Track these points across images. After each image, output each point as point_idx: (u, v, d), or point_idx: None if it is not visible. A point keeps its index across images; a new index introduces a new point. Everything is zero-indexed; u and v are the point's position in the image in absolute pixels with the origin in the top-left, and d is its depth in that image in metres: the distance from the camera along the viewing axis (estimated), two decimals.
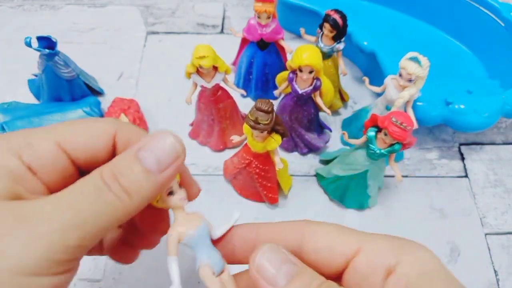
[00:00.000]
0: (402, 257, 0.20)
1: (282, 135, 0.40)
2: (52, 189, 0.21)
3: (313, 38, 0.51)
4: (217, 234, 0.25)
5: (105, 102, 0.56)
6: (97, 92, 0.57)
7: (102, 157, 0.23)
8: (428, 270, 0.19)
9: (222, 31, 0.66)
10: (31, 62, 0.61)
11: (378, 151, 0.40)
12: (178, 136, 0.21)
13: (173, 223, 0.24)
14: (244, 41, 0.55)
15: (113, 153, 0.23)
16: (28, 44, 0.46)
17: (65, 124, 0.23)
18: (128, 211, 0.20)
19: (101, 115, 0.53)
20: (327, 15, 0.47)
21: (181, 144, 0.21)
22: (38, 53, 0.51)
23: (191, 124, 0.54)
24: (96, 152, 0.23)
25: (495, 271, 0.44)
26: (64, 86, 0.52)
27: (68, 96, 0.53)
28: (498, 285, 0.43)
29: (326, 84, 0.48)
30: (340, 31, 0.48)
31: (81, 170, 0.23)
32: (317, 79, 0.45)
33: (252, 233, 0.24)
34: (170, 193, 0.23)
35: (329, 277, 0.21)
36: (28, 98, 0.57)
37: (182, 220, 0.24)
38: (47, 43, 0.49)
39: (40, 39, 0.48)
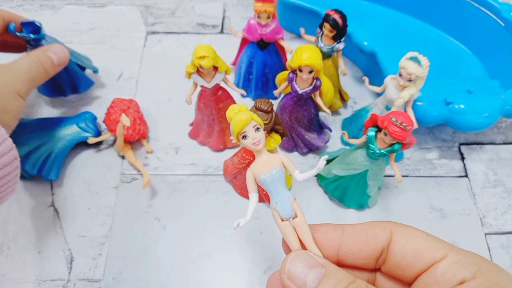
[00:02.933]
0: (479, 274, 0.21)
1: (282, 135, 0.40)
2: None
3: (313, 38, 0.51)
4: (299, 177, 0.26)
5: (105, 102, 0.56)
6: (92, 73, 0.57)
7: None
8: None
9: (222, 31, 0.66)
10: None
11: (378, 151, 0.40)
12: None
13: (252, 164, 0.26)
14: (244, 41, 0.55)
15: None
16: (12, 31, 0.47)
17: None
18: (46, 74, 0.46)
19: (97, 130, 0.52)
20: (327, 15, 0.47)
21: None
22: None
23: (191, 124, 0.54)
24: None
25: None
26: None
27: (67, 81, 0.53)
28: None
29: (326, 84, 0.48)
30: (340, 31, 0.48)
31: None
32: (317, 79, 0.45)
33: (336, 233, 0.25)
34: (244, 137, 0.25)
35: (403, 278, 0.23)
36: (28, 97, 0.57)
37: (259, 163, 0.26)
38: (32, 28, 0.49)
39: (24, 24, 0.48)
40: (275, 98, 0.52)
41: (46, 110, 0.56)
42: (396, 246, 0.24)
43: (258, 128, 0.26)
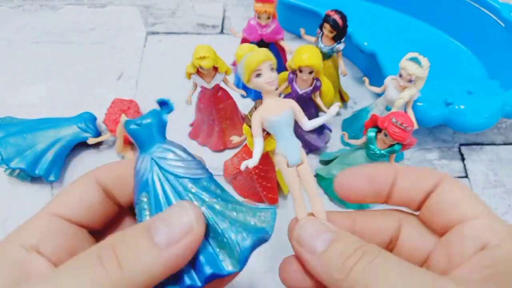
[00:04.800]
0: (504, 244, 0.20)
1: None
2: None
3: (313, 39, 0.51)
4: (308, 125, 0.26)
5: (105, 103, 0.56)
6: None
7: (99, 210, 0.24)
8: None
9: (222, 31, 0.66)
10: (31, 62, 0.62)
11: (378, 152, 0.40)
12: (197, 208, 0.20)
13: (260, 106, 0.26)
14: (244, 42, 0.55)
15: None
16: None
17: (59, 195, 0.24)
18: (118, 286, 0.17)
19: (96, 131, 0.52)
20: (327, 16, 0.47)
21: (198, 219, 0.20)
22: (38, 54, 0.51)
23: (191, 125, 0.54)
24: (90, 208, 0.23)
25: None
26: None
27: None
28: None
29: (326, 85, 0.48)
30: (340, 32, 0.47)
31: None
32: (317, 79, 0.45)
33: (349, 220, 0.25)
34: (258, 75, 0.24)
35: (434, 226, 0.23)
36: (28, 97, 0.57)
37: (268, 106, 0.25)
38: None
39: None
40: None
41: (46, 110, 0.56)
42: (439, 192, 0.23)
43: (272, 68, 0.25)
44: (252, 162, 0.26)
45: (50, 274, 0.18)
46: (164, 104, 0.24)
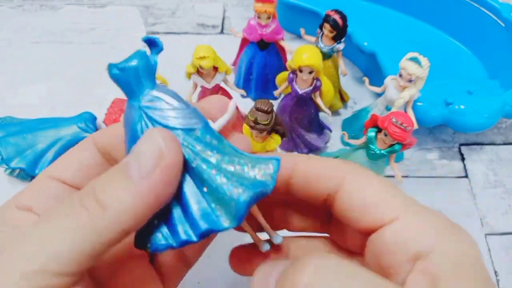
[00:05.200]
0: (440, 243, 0.17)
1: (282, 135, 0.40)
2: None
3: (313, 39, 0.51)
4: (215, 126, 0.23)
5: (105, 103, 0.56)
6: None
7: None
8: (463, 265, 0.17)
9: (222, 31, 0.66)
10: (31, 62, 0.62)
11: (378, 152, 0.40)
12: (167, 132, 0.18)
13: None
14: (244, 41, 0.55)
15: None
16: None
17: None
18: (105, 227, 0.17)
19: (96, 131, 0.52)
20: (327, 15, 0.47)
21: (168, 144, 0.18)
22: (38, 54, 0.51)
23: None
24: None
25: (495, 272, 0.44)
26: None
27: None
28: (498, 285, 0.43)
29: (326, 85, 0.48)
30: (340, 31, 0.47)
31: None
32: (317, 79, 0.45)
33: (288, 163, 0.22)
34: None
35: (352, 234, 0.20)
36: (28, 97, 0.57)
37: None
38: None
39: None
40: (275, 98, 0.52)
41: (46, 110, 0.56)
42: (344, 194, 0.20)
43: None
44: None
45: (35, 221, 0.18)
46: (152, 43, 0.21)
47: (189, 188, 0.19)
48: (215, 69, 0.44)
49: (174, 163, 0.18)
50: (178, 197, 0.19)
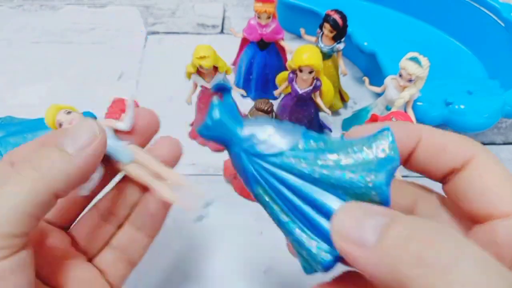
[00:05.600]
0: None
1: None
2: None
3: (313, 38, 0.51)
4: (125, 126, 0.26)
5: (105, 103, 0.56)
6: None
7: None
8: None
9: (222, 31, 0.66)
10: (31, 62, 0.62)
11: None
12: (96, 122, 0.23)
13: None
14: (244, 41, 0.55)
15: None
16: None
17: None
18: (38, 188, 0.20)
19: None
20: (327, 15, 0.47)
21: (100, 128, 0.22)
22: (38, 54, 0.51)
23: (191, 124, 0.54)
24: None
25: None
26: None
27: None
28: None
29: (326, 85, 0.48)
30: (340, 31, 0.48)
31: None
32: (317, 79, 0.45)
33: (414, 132, 0.21)
34: (60, 125, 0.26)
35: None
36: (28, 97, 0.57)
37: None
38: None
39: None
40: (275, 98, 0.52)
41: None
42: (467, 174, 0.19)
43: (69, 113, 0.28)
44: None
45: None
46: (221, 89, 0.22)
47: (327, 198, 0.19)
48: (215, 69, 0.44)
49: (103, 145, 0.22)
50: (322, 211, 0.19)
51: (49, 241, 0.25)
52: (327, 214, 0.18)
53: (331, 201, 0.18)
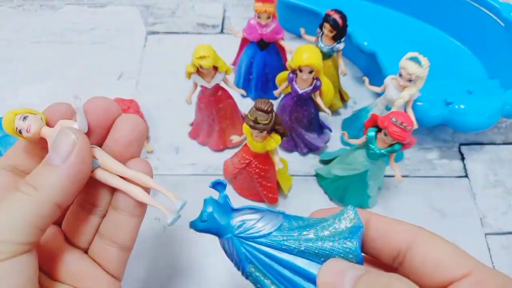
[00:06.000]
0: None
1: (282, 135, 0.40)
2: None
3: (313, 38, 0.51)
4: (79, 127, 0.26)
5: None
6: None
7: None
8: None
9: (222, 31, 0.66)
10: (31, 62, 0.62)
11: (378, 151, 0.40)
12: (76, 129, 0.25)
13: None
14: (244, 41, 0.55)
15: None
16: None
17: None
18: (40, 201, 0.22)
19: None
20: (327, 15, 0.47)
21: (77, 134, 0.24)
22: (38, 54, 0.51)
23: (191, 124, 0.54)
24: None
25: None
26: None
27: None
28: None
29: (326, 84, 0.48)
30: (340, 31, 0.48)
31: None
32: (317, 79, 0.45)
33: (364, 217, 0.24)
34: (20, 132, 0.25)
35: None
36: (28, 97, 0.57)
37: (49, 142, 0.25)
38: None
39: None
40: (275, 98, 0.52)
41: None
42: (417, 252, 0.22)
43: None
44: None
45: None
46: (217, 185, 0.26)
47: (312, 267, 0.22)
48: (215, 68, 0.44)
49: (84, 146, 0.24)
50: (309, 278, 0.22)
51: (45, 238, 0.26)
52: (313, 280, 0.22)
53: (316, 269, 0.22)
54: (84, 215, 0.28)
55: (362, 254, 0.23)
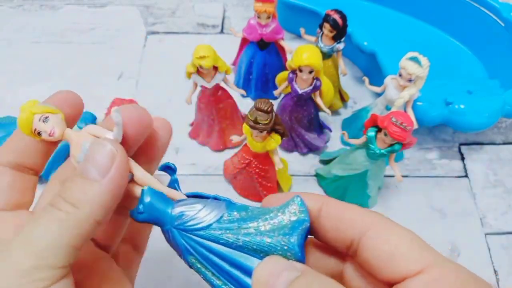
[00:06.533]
0: None
1: (282, 135, 0.40)
2: None
3: (313, 38, 0.51)
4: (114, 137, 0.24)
5: (105, 102, 0.56)
6: None
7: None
8: None
9: (222, 31, 0.66)
10: (31, 62, 0.62)
11: (378, 151, 0.40)
12: (113, 140, 0.23)
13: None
14: (244, 41, 0.55)
15: None
16: None
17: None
18: (81, 220, 0.20)
19: None
20: (327, 15, 0.47)
21: (116, 146, 0.22)
22: (38, 54, 0.51)
23: (191, 124, 0.54)
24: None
25: (495, 271, 0.44)
26: None
27: None
28: (498, 285, 0.43)
29: (326, 84, 0.48)
30: (340, 31, 0.48)
31: None
32: (317, 79, 0.45)
33: (317, 203, 0.22)
34: (39, 133, 0.24)
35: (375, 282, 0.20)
36: (28, 97, 0.57)
37: (73, 147, 0.24)
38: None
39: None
40: (275, 98, 0.52)
41: None
42: (369, 243, 0.20)
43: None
44: None
45: (14, 235, 0.20)
46: (166, 168, 0.25)
47: (251, 261, 0.22)
48: (215, 68, 0.44)
49: (124, 160, 0.22)
50: (248, 272, 0.21)
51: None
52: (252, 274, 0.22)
53: (255, 264, 0.21)
54: (118, 218, 0.27)
55: (312, 246, 0.22)
